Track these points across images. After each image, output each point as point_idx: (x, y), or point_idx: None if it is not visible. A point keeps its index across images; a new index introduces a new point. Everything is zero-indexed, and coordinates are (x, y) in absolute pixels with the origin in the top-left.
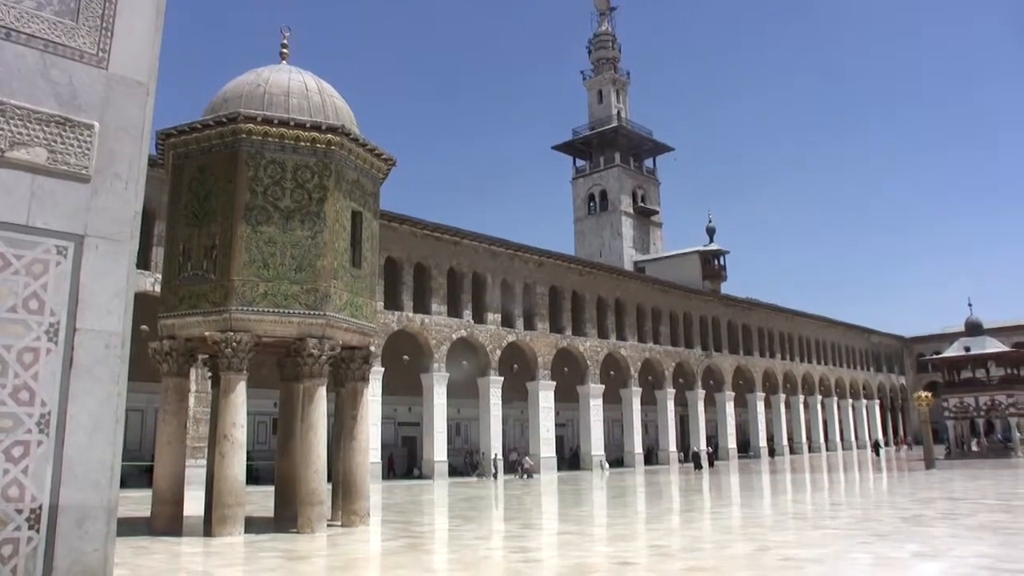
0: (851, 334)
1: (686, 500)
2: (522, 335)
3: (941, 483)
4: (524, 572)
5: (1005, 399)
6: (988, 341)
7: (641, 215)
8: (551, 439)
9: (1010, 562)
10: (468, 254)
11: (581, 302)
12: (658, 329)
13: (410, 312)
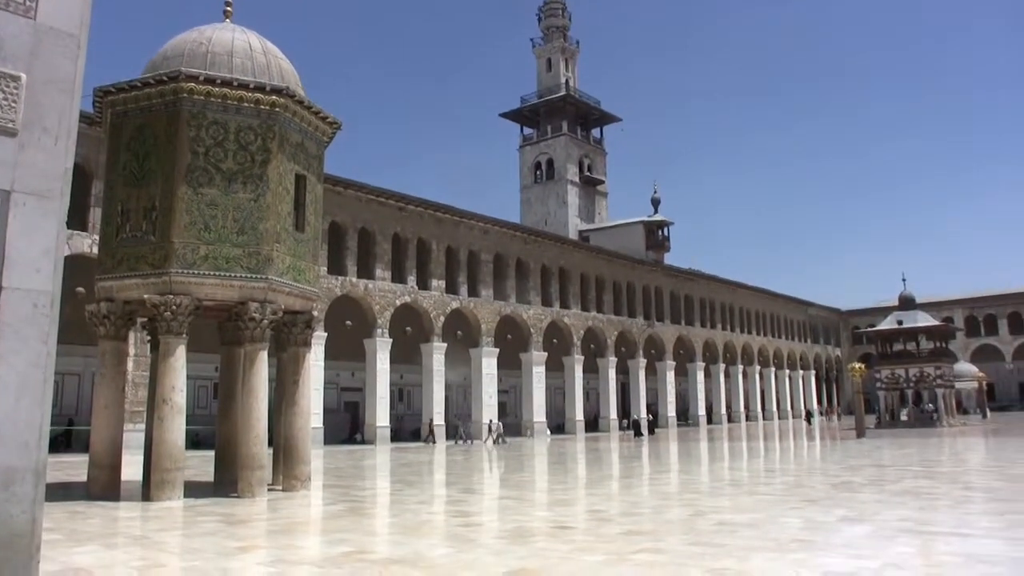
0: (790, 306)
1: (625, 467)
2: (466, 302)
3: (870, 451)
4: (464, 535)
5: (933, 371)
6: (920, 315)
7: (587, 184)
8: (493, 405)
9: (929, 524)
10: (413, 220)
11: (526, 270)
12: (601, 298)
13: (354, 277)
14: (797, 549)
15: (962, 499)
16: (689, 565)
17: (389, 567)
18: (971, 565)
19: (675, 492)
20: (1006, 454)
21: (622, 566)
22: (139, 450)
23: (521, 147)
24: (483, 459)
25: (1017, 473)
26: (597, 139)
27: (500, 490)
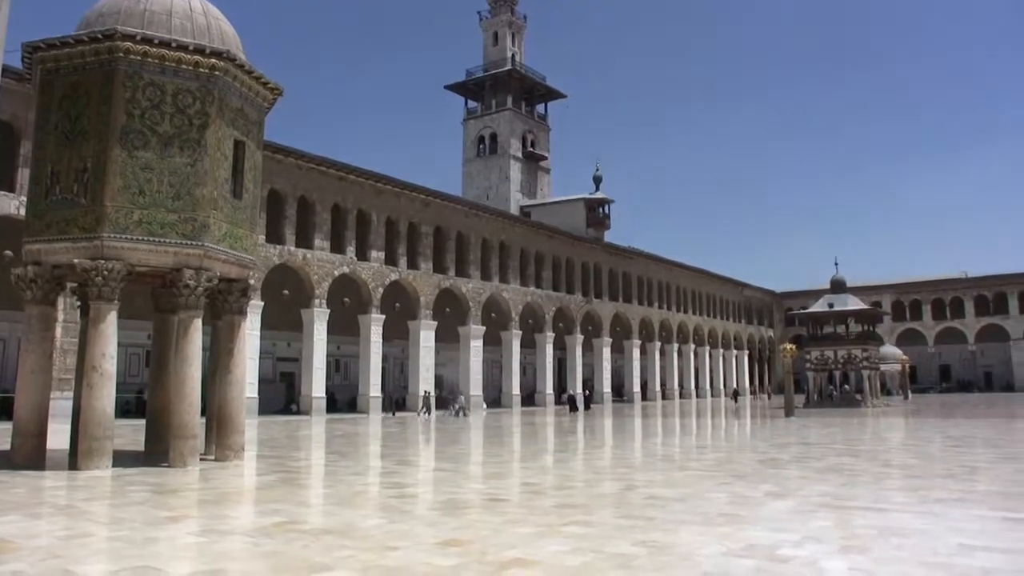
0: (726, 287)
1: (560, 441)
2: (405, 274)
3: (798, 429)
4: (397, 507)
5: (860, 353)
6: (850, 299)
7: (530, 160)
8: (430, 378)
9: (847, 499)
10: (354, 190)
11: (466, 243)
12: (540, 274)
13: (292, 246)
14: (723, 523)
15: (880, 476)
16: (618, 537)
17: (321, 537)
18: (885, 538)
19: (608, 467)
20: (923, 433)
21: (553, 538)
22: (66, 418)
23: (465, 120)
24: (419, 431)
25: (931, 452)
26: (541, 115)
27: (435, 462)
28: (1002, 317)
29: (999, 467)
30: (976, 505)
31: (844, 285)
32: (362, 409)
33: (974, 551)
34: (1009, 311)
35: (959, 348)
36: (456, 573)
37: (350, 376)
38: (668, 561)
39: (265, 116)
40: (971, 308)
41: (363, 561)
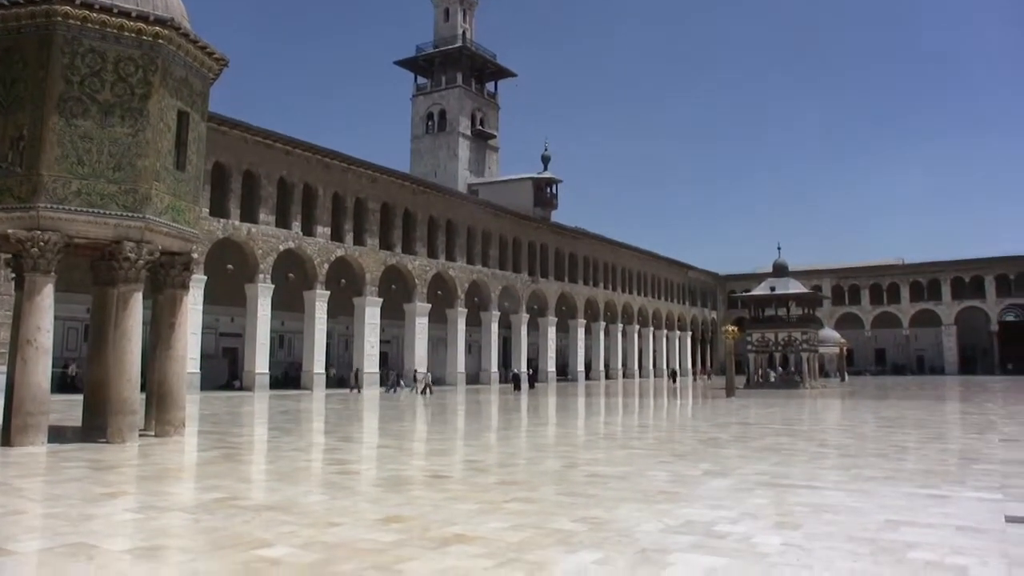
0: (671, 269)
1: (504, 419)
2: (351, 250)
3: (738, 410)
4: (340, 483)
5: (800, 335)
6: (791, 283)
7: (478, 138)
8: (375, 355)
9: (783, 477)
10: (300, 164)
11: (413, 220)
12: (487, 252)
13: (237, 220)
14: (663, 500)
15: (816, 455)
16: (558, 514)
17: (262, 513)
18: (817, 514)
19: (551, 444)
20: (857, 414)
21: (494, 514)
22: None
23: (414, 97)
24: (363, 408)
25: (865, 432)
26: (491, 93)
27: (379, 439)
28: (935, 303)
29: (927, 447)
30: (904, 483)
31: (786, 269)
32: (306, 385)
33: (900, 526)
34: (942, 297)
35: (894, 332)
36: (397, 549)
37: (294, 352)
38: (607, 537)
39: (210, 87)
40: (906, 294)
41: (304, 537)
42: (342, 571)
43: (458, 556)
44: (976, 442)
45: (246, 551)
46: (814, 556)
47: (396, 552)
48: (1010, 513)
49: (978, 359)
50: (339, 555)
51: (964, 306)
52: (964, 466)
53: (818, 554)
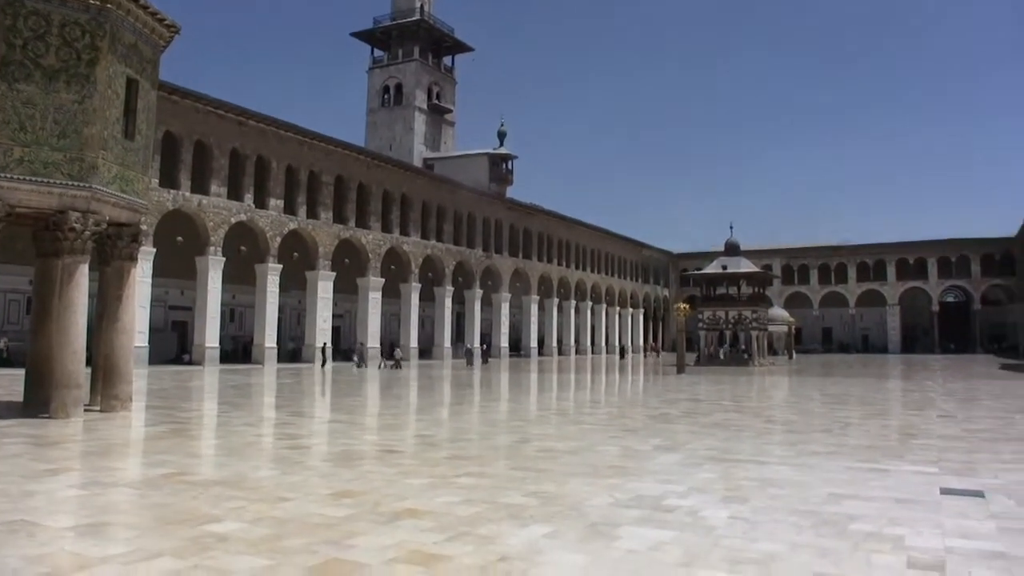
0: (625, 246)
1: (456, 394)
2: (304, 223)
3: (688, 386)
4: (291, 458)
5: (750, 314)
6: (743, 262)
7: (435, 112)
8: (327, 330)
9: (731, 453)
10: (253, 136)
11: (367, 194)
12: (442, 227)
13: (187, 192)
14: (613, 475)
15: (763, 431)
16: (509, 488)
17: (210, 488)
18: (763, 488)
19: (503, 420)
20: (804, 391)
21: (445, 489)
22: None
23: (370, 69)
24: (315, 382)
25: (811, 408)
26: (448, 67)
27: (330, 414)
28: (880, 283)
29: (869, 423)
30: (847, 458)
31: (738, 248)
32: (257, 360)
33: (842, 499)
34: (887, 278)
35: (841, 312)
36: (348, 524)
37: (245, 326)
38: (558, 511)
39: (161, 55)
40: (853, 274)
41: (253, 512)
42: (292, 546)
43: (409, 530)
44: (915, 418)
45: (194, 527)
46: (759, 529)
47: (347, 527)
48: (945, 485)
49: (919, 338)
50: (289, 530)
51: (907, 287)
52: (903, 441)
53: (763, 527)
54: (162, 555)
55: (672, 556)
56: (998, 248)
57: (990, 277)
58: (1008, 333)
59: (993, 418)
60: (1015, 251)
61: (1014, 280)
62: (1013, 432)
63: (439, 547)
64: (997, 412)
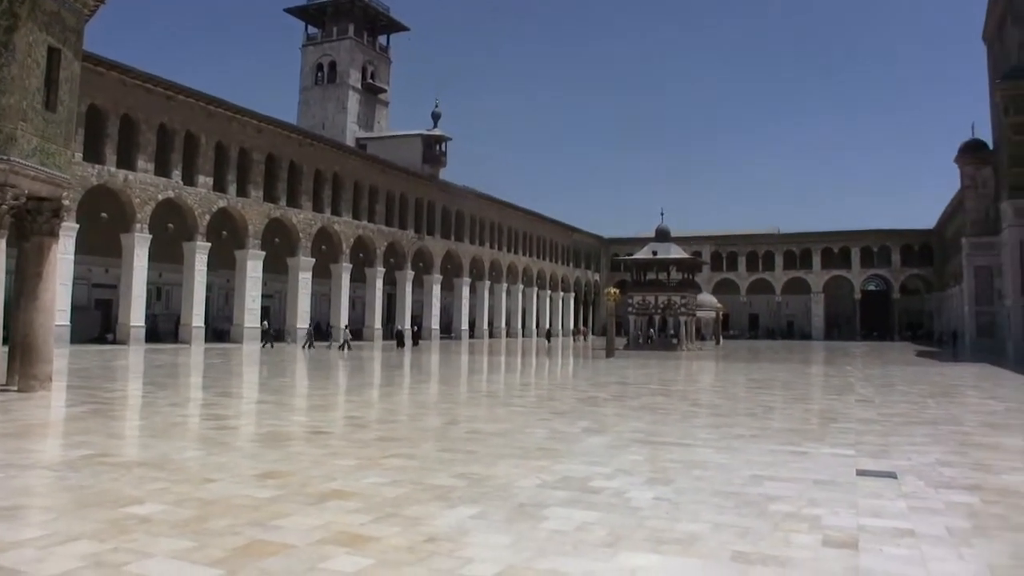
0: (556, 230)
1: (386, 376)
2: (234, 201)
3: (617, 370)
4: (217, 438)
5: (679, 300)
6: (673, 248)
7: (369, 92)
8: (256, 309)
9: (657, 435)
10: (182, 111)
11: (299, 173)
12: (374, 207)
13: (113, 167)
14: (541, 457)
15: (689, 414)
16: (438, 470)
17: (132, 470)
18: (688, 470)
19: (432, 401)
20: (730, 376)
21: (373, 470)
22: None
23: (304, 46)
24: (243, 363)
25: (736, 392)
26: (383, 47)
27: (258, 394)
28: (806, 271)
29: (791, 407)
30: (769, 440)
31: (668, 234)
32: (184, 339)
33: (763, 481)
34: (812, 266)
35: (767, 298)
36: (274, 504)
37: (171, 305)
38: (485, 492)
39: (85, 24)
40: (780, 262)
41: (177, 494)
42: (217, 527)
43: (336, 511)
44: (835, 402)
45: (114, 509)
46: (683, 509)
47: (273, 508)
48: (861, 467)
49: (842, 325)
50: (214, 511)
51: (832, 275)
52: (824, 425)
53: (687, 508)
54: (80, 538)
55: (597, 536)
56: (917, 240)
57: (909, 267)
58: (924, 321)
59: (907, 403)
60: (933, 243)
61: (931, 270)
62: (926, 416)
63: (366, 528)
64: (911, 397)
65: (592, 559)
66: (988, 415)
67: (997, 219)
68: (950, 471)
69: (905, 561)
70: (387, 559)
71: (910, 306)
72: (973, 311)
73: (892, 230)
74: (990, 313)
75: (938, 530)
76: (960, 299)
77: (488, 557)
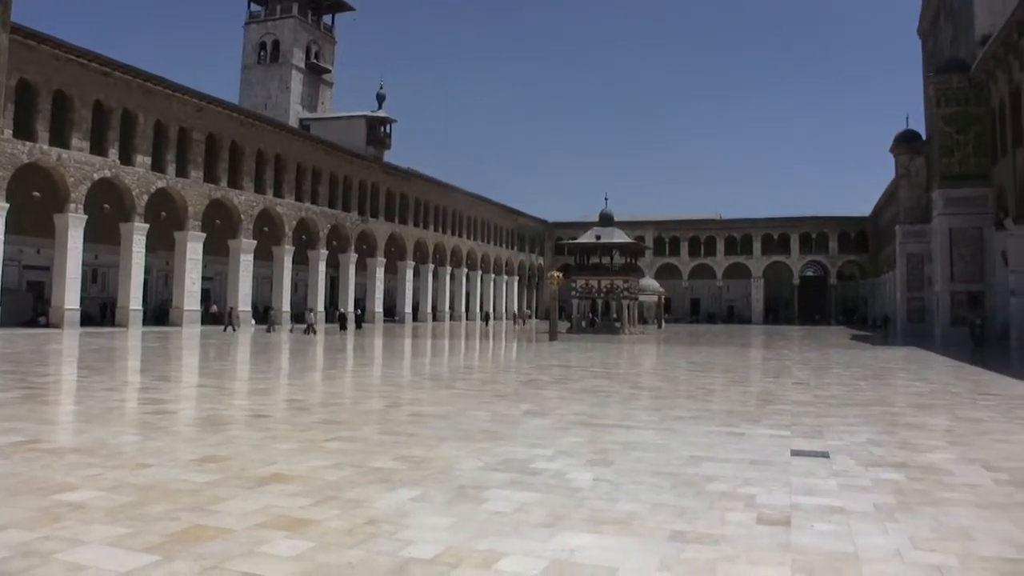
0: (501, 214)
1: (329, 359)
2: (173, 182)
3: (559, 353)
4: (154, 423)
5: (622, 284)
6: (616, 232)
7: (313, 72)
8: (196, 292)
9: (599, 417)
10: (119, 88)
11: (240, 154)
12: (317, 189)
13: (45, 144)
14: (483, 439)
15: (630, 396)
16: (379, 453)
17: (65, 456)
18: (627, 452)
19: (375, 385)
20: (671, 359)
21: (314, 454)
22: None
23: (247, 24)
24: (182, 347)
25: (676, 375)
26: (328, 26)
27: (198, 378)
28: (746, 257)
29: (730, 389)
30: (708, 422)
31: (612, 219)
32: (121, 322)
33: (701, 462)
34: (753, 252)
35: (709, 283)
36: (213, 489)
37: (108, 287)
38: (427, 475)
39: None
40: (721, 247)
41: (112, 480)
42: (153, 513)
43: (275, 495)
44: (772, 385)
45: (45, 496)
46: (622, 490)
47: (211, 492)
48: (795, 448)
49: (780, 310)
50: (151, 497)
51: (771, 261)
52: (761, 406)
53: (626, 488)
54: (8, 527)
55: (536, 517)
56: (854, 227)
57: (846, 254)
58: (859, 306)
59: (841, 385)
60: (868, 230)
61: (867, 257)
62: (858, 398)
63: (306, 511)
64: (845, 379)
65: (531, 539)
66: (916, 396)
67: (929, 208)
68: (879, 450)
69: (834, 536)
70: (326, 542)
71: (846, 291)
72: (905, 297)
73: (830, 217)
74: (920, 299)
75: (866, 506)
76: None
77: (428, 539)
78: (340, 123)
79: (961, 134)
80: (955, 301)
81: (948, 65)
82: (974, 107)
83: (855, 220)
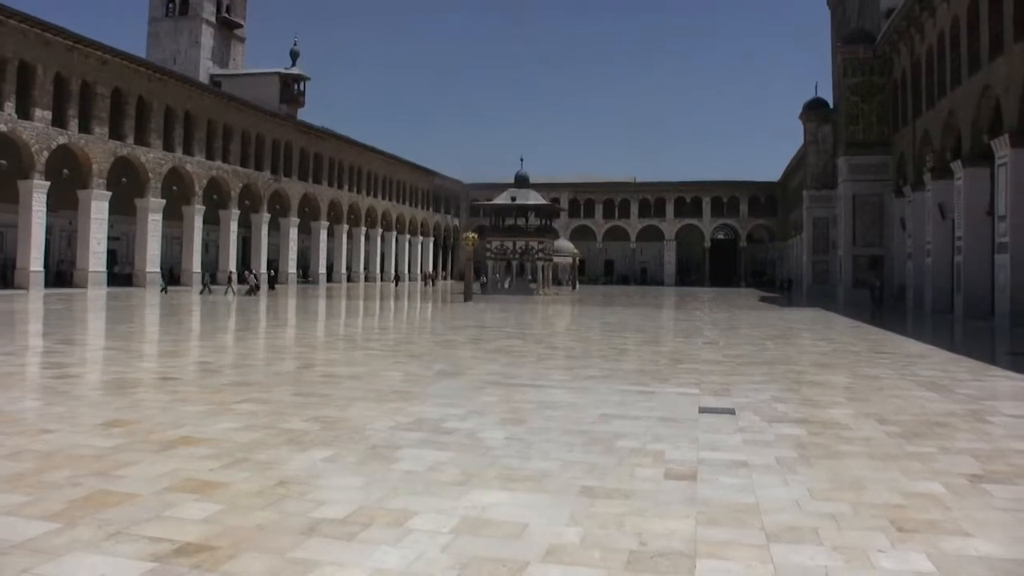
0: (416, 174)
1: (241, 321)
2: (76, 138)
3: (474, 314)
4: (57, 388)
5: (537, 245)
6: (532, 194)
7: (224, 26)
8: (102, 253)
9: (513, 378)
10: (14, 38)
11: (148, 110)
12: (228, 147)
13: None
14: (395, 399)
15: (543, 356)
16: (290, 414)
17: None
18: (540, 411)
19: (288, 346)
20: (585, 320)
21: (224, 416)
22: None
23: None
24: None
25: (590, 336)
26: None
27: (105, 340)
28: (660, 220)
29: (642, 349)
30: (619, 381)
31: (527, 181)
32: (21, 284)
33: (612, 419)
34: (666, 215)
35: (623, 245)
36: (118, 454)
37: (7, 248)
38: (339, 435)
39: None
40: (635, 210)
41: (11, 447)
42: (55, 479)
43: (184, 458)
44: (683, 345)
45: None
46: (534, 448)
47: (117, 457)
48: (704, 405)
49: (692, 272)
50: (53, 463)
51: (684, 224)
52: (671, 366)
53: (538, 446)
54: None
55: (449, 476)
56: (763, 191)
57: (756, 217)
58: (768, 269)
59: (749, 344)
60: (778, 195)
61: (775, 221)
62: (765, 357)
63: (215, 474)
64: (753, 339)
65: (443, 498)
66: (819, 355)
67: (835, 174)
68: (783, 407)
69: (738, 489)
70: (236, 504)
71: (756, 254)
72: (810, 260)
73: (741, 182)
74: (825, 262)
75: (768, 460)
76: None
77: (339, 499)
78: (253, 80)
79: (865, 103)
80: (857, 264)
81: (854, 36)
82: (878, 77)
83: (765, 185)
